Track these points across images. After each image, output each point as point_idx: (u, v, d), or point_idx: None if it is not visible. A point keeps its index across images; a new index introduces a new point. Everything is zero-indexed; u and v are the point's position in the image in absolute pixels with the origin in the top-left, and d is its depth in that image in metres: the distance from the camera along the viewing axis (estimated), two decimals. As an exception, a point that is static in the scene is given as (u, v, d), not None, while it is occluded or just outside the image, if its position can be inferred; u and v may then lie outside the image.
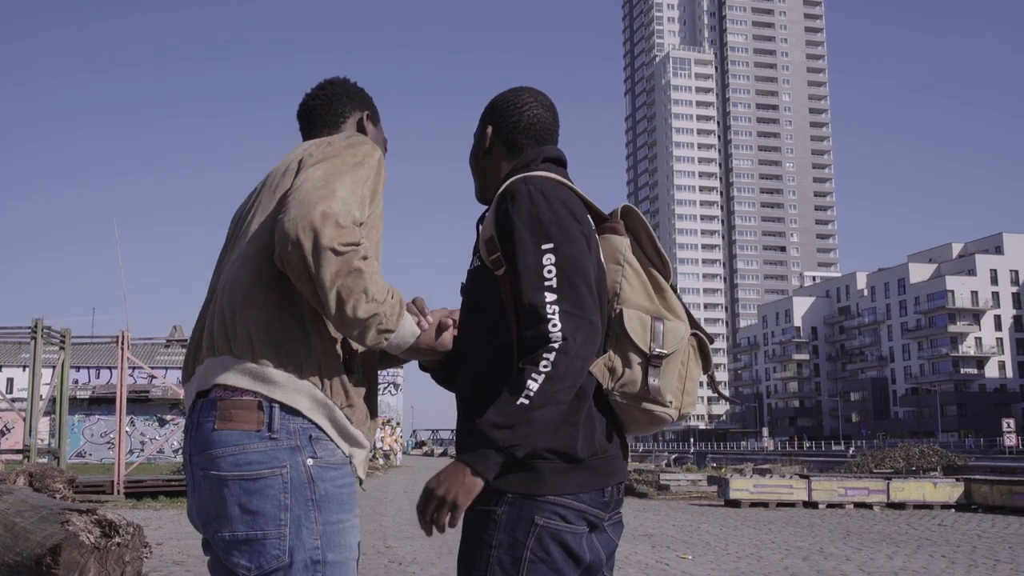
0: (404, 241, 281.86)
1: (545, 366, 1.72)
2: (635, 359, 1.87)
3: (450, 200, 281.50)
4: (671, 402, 1.91)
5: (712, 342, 2.02)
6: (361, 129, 2.26)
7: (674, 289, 2.02)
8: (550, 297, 1.76)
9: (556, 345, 1.73)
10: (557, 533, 1.79)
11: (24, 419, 17.16)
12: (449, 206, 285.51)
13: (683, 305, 2.00)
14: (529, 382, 1.71)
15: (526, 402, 1.70)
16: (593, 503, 1.83)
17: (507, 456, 1.71)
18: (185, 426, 1.86)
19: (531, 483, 1.79)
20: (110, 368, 45.52)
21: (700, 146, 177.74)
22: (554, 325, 1.74)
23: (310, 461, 1.77)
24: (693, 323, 2.00)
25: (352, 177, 1.83)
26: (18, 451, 19.92)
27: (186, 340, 19.93)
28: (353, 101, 2.28)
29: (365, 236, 1.82)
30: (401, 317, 1.84)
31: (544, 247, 1.79)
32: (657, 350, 1.87)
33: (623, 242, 1.97)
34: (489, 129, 2.12)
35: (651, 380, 1.86)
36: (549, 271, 1.78)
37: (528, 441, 1.71)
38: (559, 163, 2.07)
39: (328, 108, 2.24)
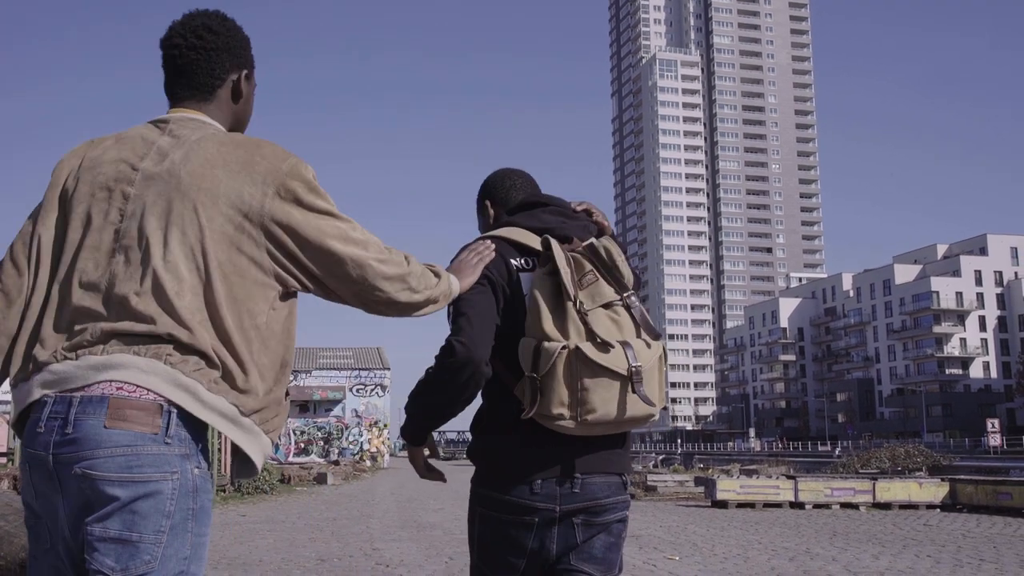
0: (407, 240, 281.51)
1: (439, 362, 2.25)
2: (526, 382, 2.21)
3: (433, 198, 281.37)
4: (561, 414, 2.16)
5: (611, 348, 2.19)
6: (236, 93, 2.01)
7: (624, 301, 2.30)
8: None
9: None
10: (488, 518, 2.30)
11: (8, 422, 17.02)
12: (431, 205, 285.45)
13: (582, 319, 2.22)
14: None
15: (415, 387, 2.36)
16: (521, 495, 2.25)
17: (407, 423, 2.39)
18: (46, 420, 1.72)
19: (474, 478, 2.39)
20: (95, 370, 45.21)
21: (686, 147, 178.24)
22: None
23: (196, 471, 1.75)
24: (591, 333, 2.19)
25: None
26: (2, 454, 19.79)
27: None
28: (234, 57, 1.98)
29: None
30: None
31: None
32: (532, 372, 2.19)
33: (527, 280, 2.33)
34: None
35: (537, 398, 2.17)
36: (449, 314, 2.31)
37: (411, 416, 2.36)
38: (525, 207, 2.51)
39: (206, 66, 1.95)
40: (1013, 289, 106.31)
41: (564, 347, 2.17)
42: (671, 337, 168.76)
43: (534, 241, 2.35)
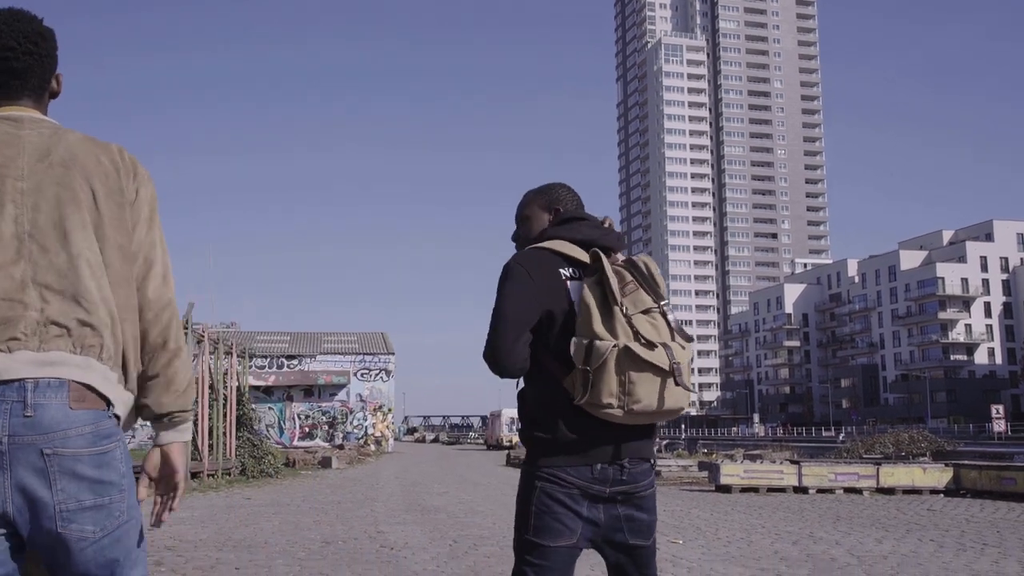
0: (417, 232, 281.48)
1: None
2: (577, 375, 2.54)
3: (436, 185, 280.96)
4: (610, 404, 2.51)
5: (655, 347, 2.53)
6: (54, 93, 2.15)
7: (660, 309, 2.63)
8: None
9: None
10: (549, 494, 2.59)
11: None
12: (435, 192, 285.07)
13: (628, 322, 2.55)
14: None
15: None
16: (582, 476, 2.59)
17: None
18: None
19: (532, 458, 2.67)
20: (100, 354, 45.33)
21: (692, 133, 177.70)
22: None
23: (121, 432, 2.02)
24: (637, 335, 2.54)
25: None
26: None
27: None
28: (55, 61, 2.12)
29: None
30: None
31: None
32: (584, 367, 2.51)
33: (575, 288, 2.65)
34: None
35: (589, 390, 2.51)
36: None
37: None
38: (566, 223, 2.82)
39: (40, 71, 2.08)
40: (1019, 275, 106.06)
41: (614, 345, 2.51)
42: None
43: (579, 253, 2.70)
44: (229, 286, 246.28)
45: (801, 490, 17.73)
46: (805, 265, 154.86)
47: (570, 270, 2.70)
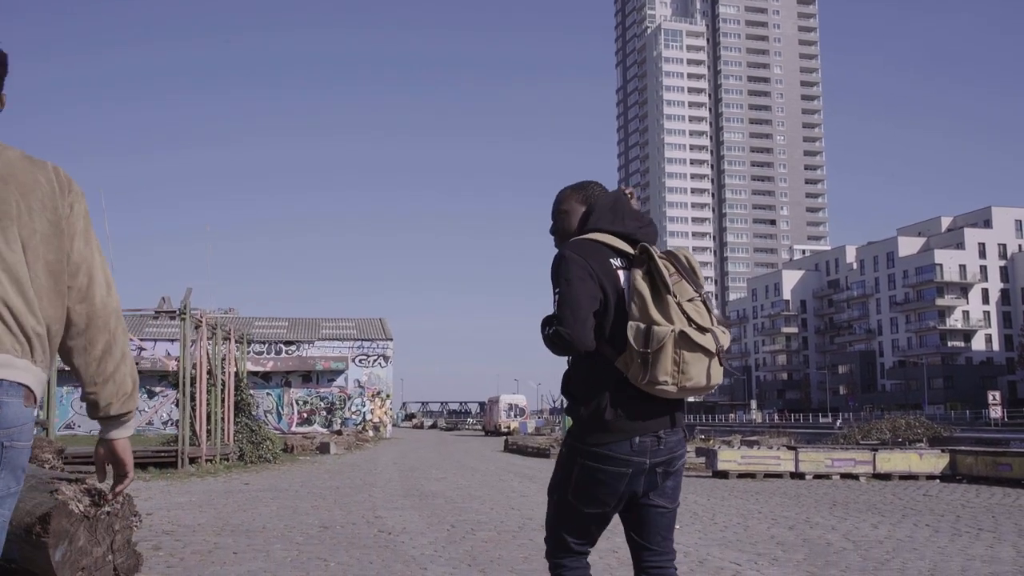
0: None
1: (547, 336, 2.91)
2: (635, 356, 2.83)
3: (435, 173, 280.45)
4: (666, 381, 2.83)
5: (707, 332, 2.88)
6: (1, 101, 2.24)
7: (701, 297, 2.96)
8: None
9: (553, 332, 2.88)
10: (590, 467, 2.93)
11: None
12: (434, 181, 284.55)
13: (680, 309, 2.87)
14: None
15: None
16: (623, 451, 2.90)
17: None
18: None
19: (575, 432, 2.99)
20: (99, 340, 45.36)
21: (691, 119, 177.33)
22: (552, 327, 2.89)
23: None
24: (690, 321, 2.86)
25: None
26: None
27: (175, 312, 19.92)
28: (3, 75, 2.20)
29: None
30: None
31: (555, 290, 2.93)
32: (644, 349, 2.81)
33: (633, 276, 2.91)
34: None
35: (647, 369, 2.81)
36: (555, 302, 2.91)
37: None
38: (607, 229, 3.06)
39: None
40: (1017, 262, 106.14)
41: (672, 330, 2.83)
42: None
43: (623, 245, 3.01)
44: (227, 272, 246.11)
45: (798, 476, 17.79)
46: (803, 251, 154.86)
47: (619, 260, 2.99)
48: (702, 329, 2.87)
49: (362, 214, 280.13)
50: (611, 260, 2.97)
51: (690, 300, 2.92)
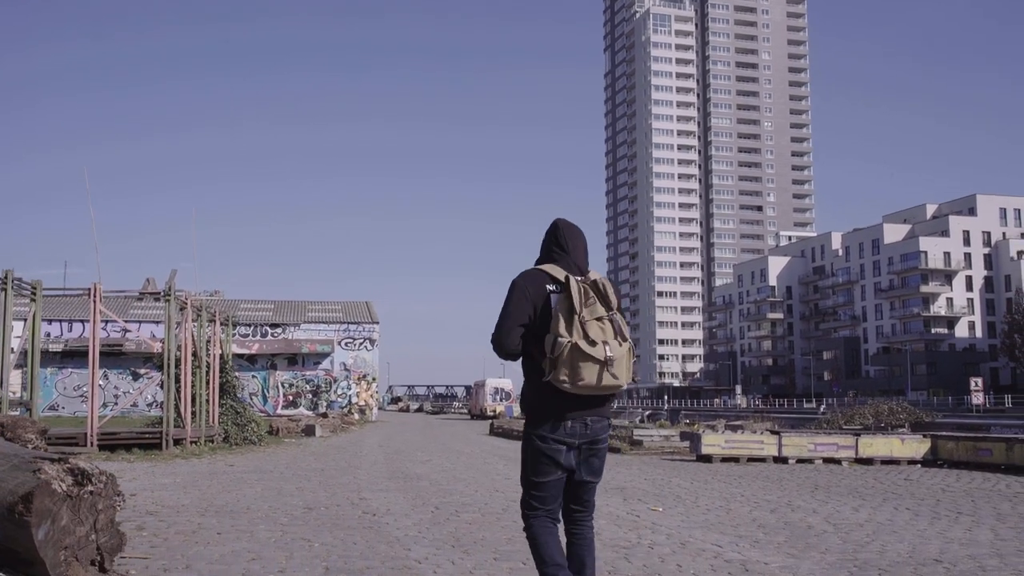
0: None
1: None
2: (548, 361, 3.79)
3: (424, 160, 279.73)
4: (564, 380, 3.76)
5: (596, 345, 3.77)
6: None
7: (609, 316, 3.86)
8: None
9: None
10: (538, 446, 3.92)
11: None
12: (420, 167, 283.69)
13: (582, 325, 3.77)
14: None
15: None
16: (559, 432, 3.89)
17: None
18: None
19: (528, 420, 4.01)
20: (82, 321, 45.18)
21: (679, 104, 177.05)
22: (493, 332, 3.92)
23: None
24: (585, 335, 3.74)
25: None
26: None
27: (160, 293, 19.84)
28: None
29: None
30: None
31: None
32: (552, 355, 3.76)
33: (559, 299, 3.86)
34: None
35: (554, 370, 3.76)
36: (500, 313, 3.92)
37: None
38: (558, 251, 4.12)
39: None
40: (1000, 249, 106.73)
41: (569, 342, 3.74)
42: (660, 294, 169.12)
43: (560, 274, 3.93)
44: (213, 255, 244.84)
45: (781, 460, 17.92)
46: (790, 238, 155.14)
47: (553, 285, 3.92)
48: (593, 343, 3.74)
49: (348, 198, 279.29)
50: (547, 286, 3.92)
51: (598, 318, 3.81)
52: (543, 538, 3.91)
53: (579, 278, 3.90)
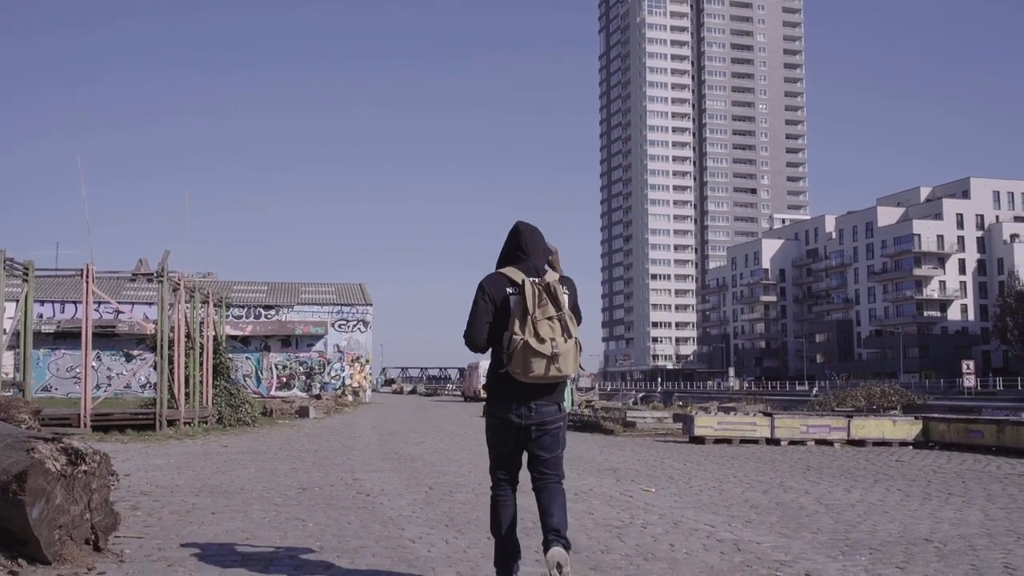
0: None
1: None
2: (505, 355, 4.46)
3: (418, 144, 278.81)
4: (518, 372, 4.44)
5: (544, 342, 4.44)
6: None
7: (558, 316, 4.48)
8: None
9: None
10: (493, 423, 4.69)
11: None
12: (414, 151, 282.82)
13: (533, 324, 4.42)
14: None
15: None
16: (508, 412, 4.59)
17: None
18: None
19: (487, 402, 4.77)
20: (75, 302, 45.14)
21: (673, 86, 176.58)
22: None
23: None
24: (535, 333, 4.39)
25: None
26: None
27: (153, 274, 19.79)
28: None
29: None
30: None
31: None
32: (507, 350, 4.43)
33: (507, 302, 4.54)
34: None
35: (510, 363, 4.43)
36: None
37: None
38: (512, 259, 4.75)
39: None
40: (994, 233, 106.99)
41: (522, 339, 4.39)
42: (653, 277, 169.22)
43: (519, 277, 4.56)
44: (207, 237, 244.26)
45: (773, 442, 17.99)
46: (783, 220, 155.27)
47: (512, 288, 4.56)
48: (542, 340, 4.40)
49: (342, 181, 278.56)
50: (506, 288, 4.57)
51: (549, 318, 4.44)
52: (499, 510, 4.70)
53: (535, 280, 4.52)
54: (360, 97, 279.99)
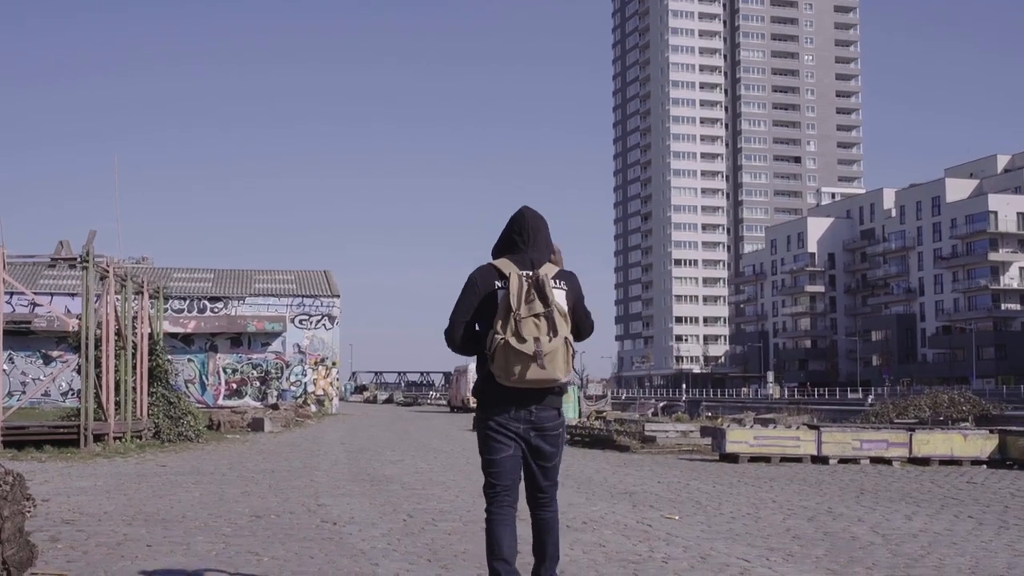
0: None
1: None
2: (488, 355, 4.79)
3: (426, 106, 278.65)
4: (499, 375, 4.75)
5: (526, 341, 4.76)
6: None
7: (546, 312, 4.78)
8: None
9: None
10: (489, 429, 4.95)
11: None
12: (404, 113, 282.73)
13: (515, 323, 4.73)
14: None
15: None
16: (506, 418, 4.91)
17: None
18: None
19: (478, 407, 5.07)
20: (-17, 294, 45.05)
21: (701, 33, 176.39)
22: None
23: None
24: (516, 332, 4.69)
25: None
26: None
27: (76, 259, 19.78)
28: None
29: None
30: None
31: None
32: (488, 350, 4.78)
33: (494, 295, 4.85)
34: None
35: (492, 364, 4.74)
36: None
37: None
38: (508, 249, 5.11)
39: None
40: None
41: (502, 339, 4.71)
42: (677, 263, 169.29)
43: (509, 270, 4.88)
44: (140, 216, 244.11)
45: (820, 460, 18.06)
46: (833, 196, 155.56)
47: (501, 282, 4.89)
48: (523, 340, 4.69)
49: (302, 148, 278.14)
50: (496, 282, 4.90)
51: (535, 315, 4.75)
52: (497, 530, 4.92)
53: (525, 273, 4.85)
54: (322, 46, 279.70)
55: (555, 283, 4.88)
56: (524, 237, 5.02)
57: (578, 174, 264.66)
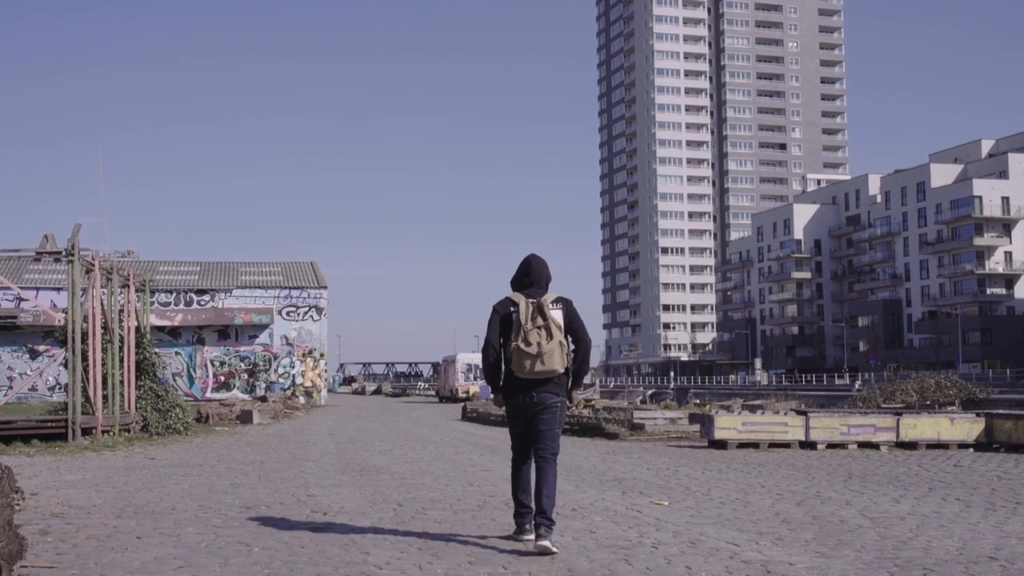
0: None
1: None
2: (508, 357, 7.32)
3: (386, 97, 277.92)
4: (516, 370, 7.19)
5: (530, 345, 7.17)
6: None
7: (545, 325, 7.16)
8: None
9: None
10: (509, 408, 7.58)
11: None
12: (383, 104, 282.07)
13: (524, 333, 7.15)
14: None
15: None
16: (518, 399, 7.42)
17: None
18: None
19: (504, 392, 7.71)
20: (-33, 289, 44.90)
21: (686, 20, 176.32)
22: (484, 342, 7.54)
23: None
24: (524, 339, 7.10)
25: None
26: None
27: (61, 253, 19.69)
28: None
29: None
30: None
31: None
32: (507, 354, 7.31)
33: (510, 318, 7.27)
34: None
35: (511, 363, 7.25)
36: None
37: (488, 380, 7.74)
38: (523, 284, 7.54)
39: None
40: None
41: (515, 345, 7.10)
42: (664, 251, 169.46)
43: (520, 300, 7.23)
44: (126, 209, 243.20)
45: (808, 445, 18.13)
46: (818, 182, 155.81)
47: (513, 308, 7.20)
48: (529, 344, 7.03)
49: (289, 140, 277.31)
50: (510, 308, 7.23)
51: (538, 327, 7.07)
52: (516, 473, 7.47)
53: (531, 300, 7.19)
54: (307, 39, 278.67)
55: (552, 306, 7.20)
56: (531, 278, 7.36)
57: (564, 163, 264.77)
